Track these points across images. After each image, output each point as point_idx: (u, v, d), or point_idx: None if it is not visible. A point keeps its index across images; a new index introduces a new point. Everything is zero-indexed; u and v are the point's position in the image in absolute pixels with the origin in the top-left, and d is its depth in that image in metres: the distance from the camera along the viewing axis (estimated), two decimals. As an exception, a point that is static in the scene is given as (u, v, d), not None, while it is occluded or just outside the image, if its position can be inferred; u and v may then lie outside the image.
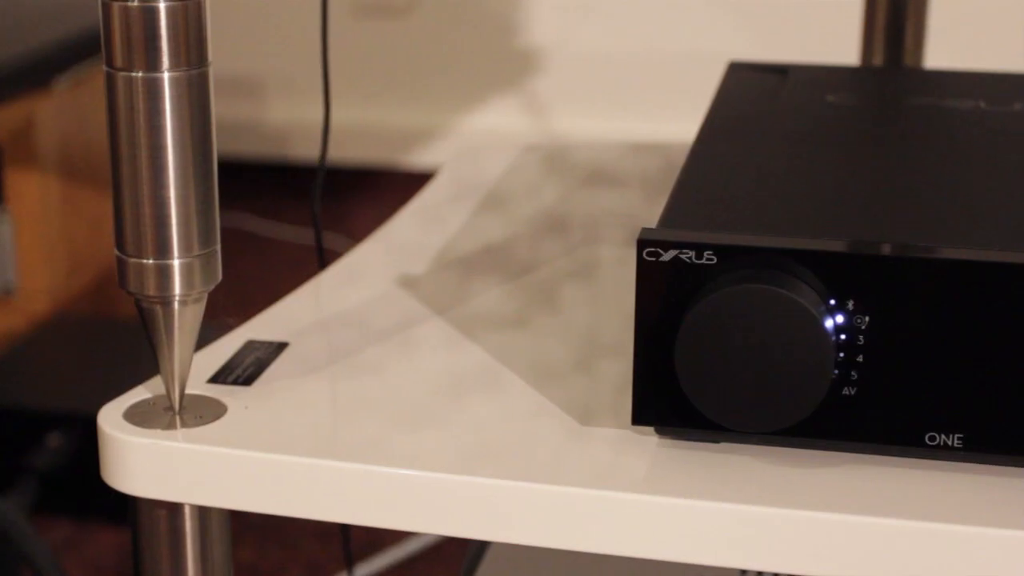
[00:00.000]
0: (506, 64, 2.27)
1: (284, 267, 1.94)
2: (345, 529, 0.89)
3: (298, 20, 2.24)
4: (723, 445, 0.60)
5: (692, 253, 0.57)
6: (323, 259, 0.82)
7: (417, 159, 2.28)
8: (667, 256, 0.57)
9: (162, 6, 0.57)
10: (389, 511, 0.60)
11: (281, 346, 0.70)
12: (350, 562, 0.89)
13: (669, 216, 0.61)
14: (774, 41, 2.13)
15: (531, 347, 0.70)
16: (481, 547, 0.89)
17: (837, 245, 0.57)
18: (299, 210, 2.10)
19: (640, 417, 0.60)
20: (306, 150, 2.28)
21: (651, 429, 0.61)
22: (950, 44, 1.38)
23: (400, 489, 0.59)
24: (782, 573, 0.58)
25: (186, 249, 0.60)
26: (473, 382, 0.66)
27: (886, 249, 0.57)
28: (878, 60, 1.03)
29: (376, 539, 1.32)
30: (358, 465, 0.60)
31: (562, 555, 0.84)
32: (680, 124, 0.74)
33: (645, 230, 0.58)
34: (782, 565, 0.57)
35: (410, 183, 0.97)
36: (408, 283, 0.78)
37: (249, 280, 1.89)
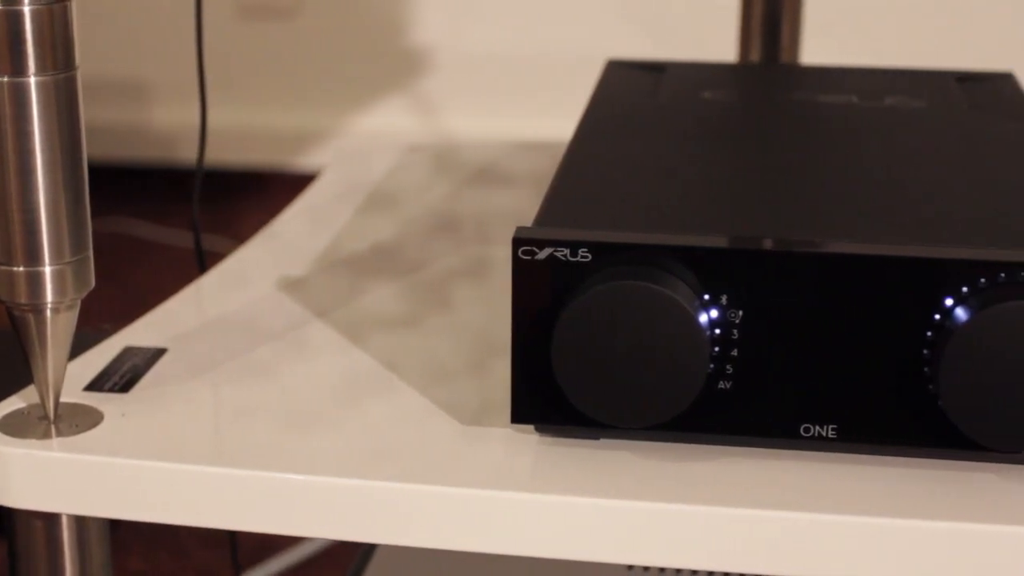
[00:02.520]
0: (394, 64, 2.27)
1: (171, 272, 1.92)
2: (232, 535, 0.89)
3: (182, 23, 2.22)
4: (603, 442, 0.61)
5: (567, 251, 0.57)
6: (203, 262, 0.81)
7: (306, 161, 2.27)
8: (542, 254, 0.58)
9: (26, 10, 0.56)
10: (265, 516, 0.59)
11: (159, 352, 0.69)
12: (237, 569, 0.88)
13: (544, 215, 0.61)
14: (663, 40, 2.14)
15: (422, 347, 0.70)
16: (368, 549, 0.89)
17: (709, 240, 0.58)
18: (186, 214, 2.07)
19: (519, 416, 0.60)
20: (192, 153, 2.25)
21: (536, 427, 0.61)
22: (827, 41, 1.40)
23: (280, 493, 0.59)
24: (667, 567, 0.58)
25: (57, 256, 0.59)
26: (360, 384, 0.66)
27: (758, 244, 0.57)
28: (755, 57, 1.04)
29: (268, 543, 1.31)
30: (238, 470, 0.59)
31: (448, 555, 0.84)
32: (569, 122, 0.74)
33: (520, 229, 0.58)
34: (665, 560, 0.58)
35: (299, 185, 0.96)
36: (294, 284, 0.78)
37: (135, 286, 1.87)
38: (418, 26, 2.25)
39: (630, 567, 0.85)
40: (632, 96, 0.80)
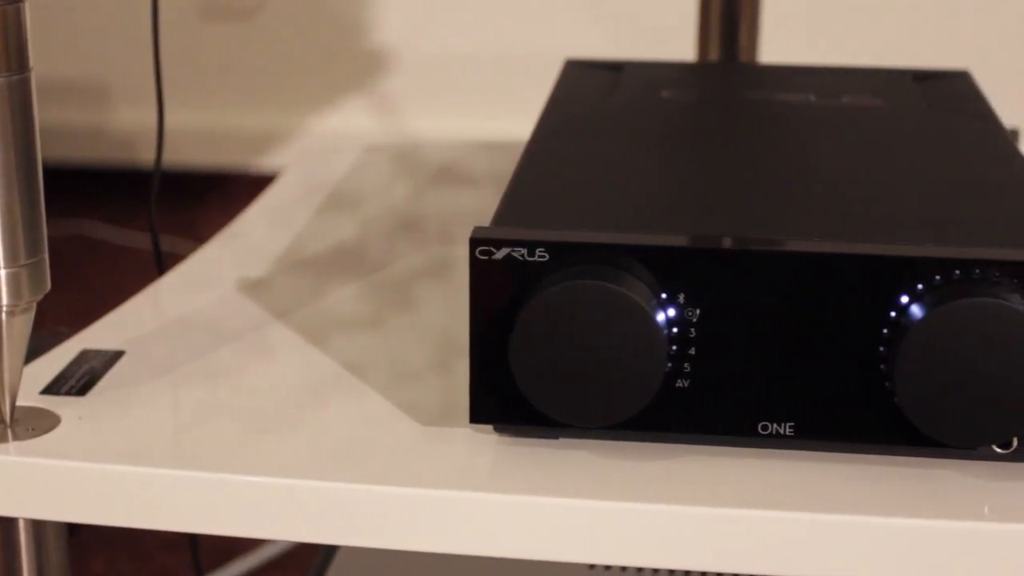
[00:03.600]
0: (355, 65, 2.26)
1: (132, 274, 1.91)
2: (192, 538, 0.88)
3: (143, 24, 2.20)
4: (562, 441, 0.61)
5: (524, 251, 0.57)
6: (161, 264, 0.81)
7: (268, 162, 2.26)
8: (500, 254, 0.58)
9: (-21, 12, 0.56)
10: (225, 518, 0.59)
11: (117, 354, 0.69)
12: (199, 572, 0.88)
13: (502, 214, 0.61)
14: (623, 40, 2.15)
15: (384, 348, 0.70)
16: (329, 551, 0.89)
17: (666, 239, 0.58)
18: (147, 216, 2.06)
19: (478, 416, 0.60)
20: (154, 155, 2.24)
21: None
22: (786, 40, 1.40)
23: (240, 496, 0.59)
24: (628, 566, 0.59)
25: (12, 259, 0.59)
26: (322, 385, 0.66)
27: (714, 243, 0.58)
28: (714, 56, 1.04)
29: (230, 546, 1.30)
30: (197, 473, 0.59)
31: (409, 556, 0.84)
32: (531, 122, 0.74)
33: (477, 229, 0.58)
34: (626, 559, 0.58)
35: (261, 186, 0.96)
36: (255, 285, 0.78)
37: (96, 289, 1.86)
38: (379, 27, 2.25)
39: (591, 566, 0.85)
40: (590, 96, 0.80)
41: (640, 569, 0.85)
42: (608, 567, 0.85)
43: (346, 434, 0.62)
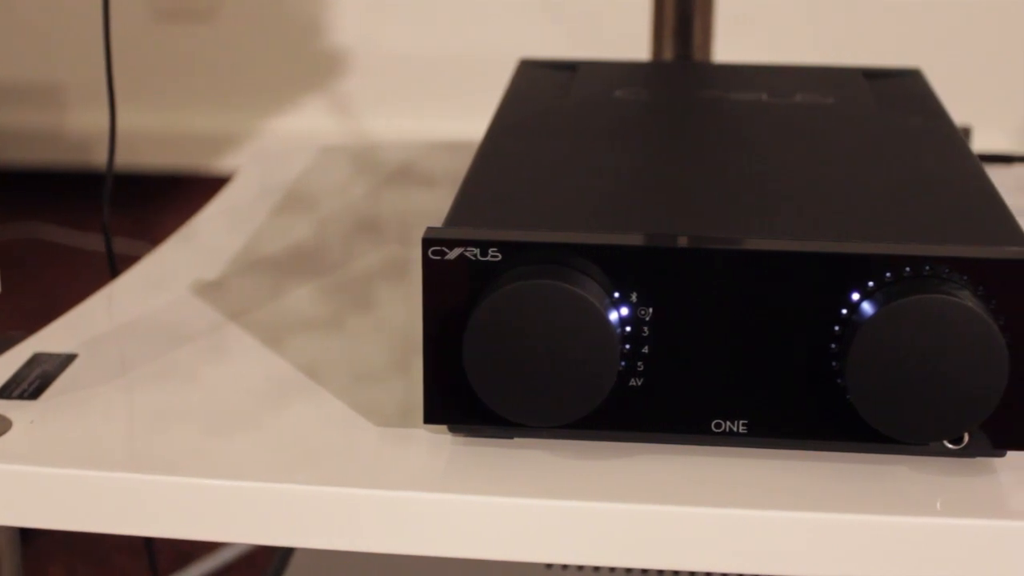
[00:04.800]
0: (311, 66, 2.26)
1: (87, 277, 1.90)
2: (149, 542, 0.88)
3: (97, 26, 2.19)
4: (517, 441, 0.61)
5: (477, 251, 0.58)
6: (114, 265, 0.80)
7: (225, 163, 2.26)
8: (452, 255, 0.58)
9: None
10: (181, 522, 0.59)
11: (70, 357, 0.68)
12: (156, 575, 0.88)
13: (454, 215, 0.61)
14: (579, 40, 2.15)
15: (342, 349, 0.70)
16: (285, 553, 0.88)
17: (618, 239, 0.58)
18: (102, 218, 2.05)
19: (432, 416, 0.60)
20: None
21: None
22: (740, 39, 1.41)
23: (195, 499, 0.59)
24: (585, 565, 0.59)
25: (-39, 262, 0.59)
26: (278, 387, 0.66)
27: (666, 241, 0.58)
28: (668, 55, 1.04)
29: (188, 549, 1.30)
30: (151, 476, 0.59)
31: (365, 557, 0.84)
32: (488, 122, 0.74)
33: (430, 229, 0.58)
34: (582, 558, 0.58)
35: (218, 188, 0.95)
36: (211, 286, 0.77)
37: (50, 292, 1.85)
38: (335, 28, 2.25)
39: (548, 565, 0.85)
40: (544, 95, 0.80)
41: (597, 568, 0.85)
42: (565, 566, 0.85)
43: (303, 436, 0.62)
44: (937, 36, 2.07)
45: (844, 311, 0.57)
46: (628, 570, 0.84)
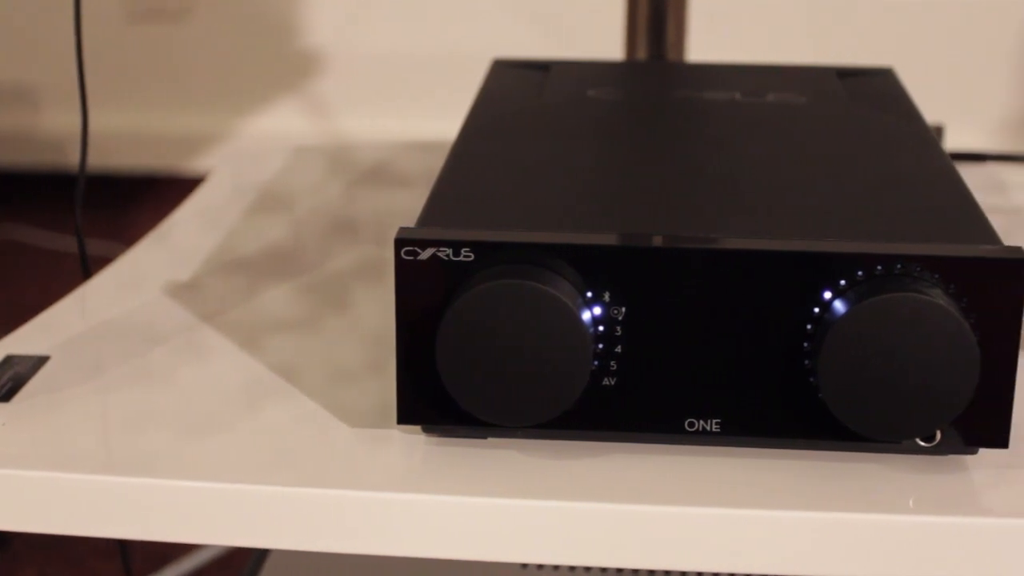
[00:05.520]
0: (286, 67, 2.25)
1: (61, 279, 1.89)
2: (122, 544, 0.88)
3: (70, 27, 2.19)
4: (491, 441, 0.61)
5: (449, 251, 0.57)
6: (87, 267, 0.80)
7: (199, 164, 2.25)
8: (425, 255, 0.58)
9: None
10: (155, 524, 0.59)
11: (42, 360, 0.68)
12: (130, 577, 0.87)
13: (427, 215, 0.61)
14: (554, 39, 2.15)
15: (317, 350, 0.69)
16: (260, 555, 0.88)
17: (591, 238, 0.58)
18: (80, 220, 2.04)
19: (405, 417, 0.60)
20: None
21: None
22: (713, 38, 1.41)
23: (170, 501, 0.58)
24: (561, 565, 0.59)
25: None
26: (252, 389, 0.66)
27: (639, 241, 0.58)
28: (642, 55, 1.04)
29: (163, 552, 1.30)
30: (125, 478, 0.58)
31: (340, 558, 0.84)
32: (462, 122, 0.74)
33: (402, 229, 0.58)
34: (558, 557, 0.58)
35: (193, 189, 0.95)
36: (186, 287, 0.77)
37: (23, 294, 1.85)
38: (309, 28, 2.24)
39: (524, 565, 0.85)
40: (517, 95, 0.80)
41: (572, 568, 0.85)
42: (540, 566, 0.85)
43: (277, 437, 0.61)
44: (910, 36, 2.08)
45: (816, 310, 0.57)
46: (603, 569, 0.84)
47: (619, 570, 0.84)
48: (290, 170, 0.97)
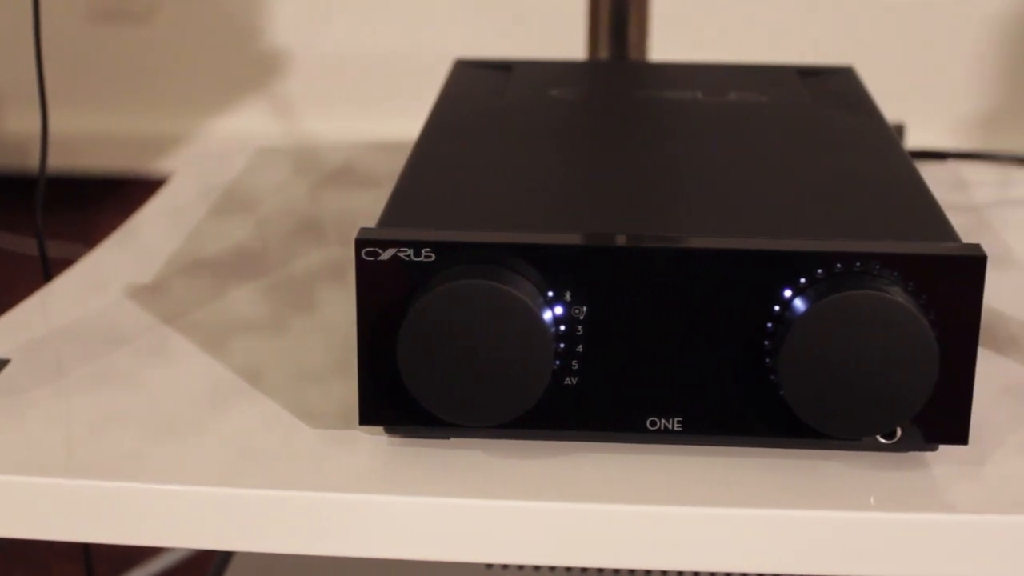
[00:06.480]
0: (250, 67, 2.25)
1: (24, 282, 1.88)
2: (86, 548, 0.87)
3: (31, 27, 2.17)
4: (454, 441, 0.61)
5: (410, 251, 0.58)
6: (48, 269, 0.79)
7: (164, 165, 2.24)
8: (386, 255, 0.58)
9: None
10: (119, 527, 0.59)
11: (2, 363, 0.68)
12: (93, 580, 0.87)
13: (388, 215, 0.61)
14: (517, 39, 2.15)
15: (282, 351, 0.69)
16: (224, 557, 0.88)
17: (551, 238, 0.58)
18: (43, 222, 2.03)
19: (367, 418, 0.60)
20: (48, 159, 2.22)
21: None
22: (675, 37, 1.41)
23: (133, 504, 0.58)
24: (525, 565, 0.59)
25: None
26: (217, 390, 0.66)
27: (599, 240, 0.58)
28: (604, 54, 1.05)
29: (128, 555, 1.29)
30: (87, 481, 0.58)
31: (303, 560, 0.84)
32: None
33: (363, 230, 0.58)
34: (522, 557, 0.58)
35: (156, 190, 0.95)
36: (150, 288, 0.77)
37: (-10, 296, 1.84)
38: (274, 29, 2.24)
39: (489, 565, 0.85)
40: (479, 95, 0.80)
41: (537, 567, 0.85)
42: (505, 566, 0.85)
43: (241, 439, 0.61)
44: (870, 34, 2.08)
45: (776, 308, 0.57)
46: (568, 569, 0.84)
47: (584, 569, 0.84)
48: (254, 170, 0.97)
